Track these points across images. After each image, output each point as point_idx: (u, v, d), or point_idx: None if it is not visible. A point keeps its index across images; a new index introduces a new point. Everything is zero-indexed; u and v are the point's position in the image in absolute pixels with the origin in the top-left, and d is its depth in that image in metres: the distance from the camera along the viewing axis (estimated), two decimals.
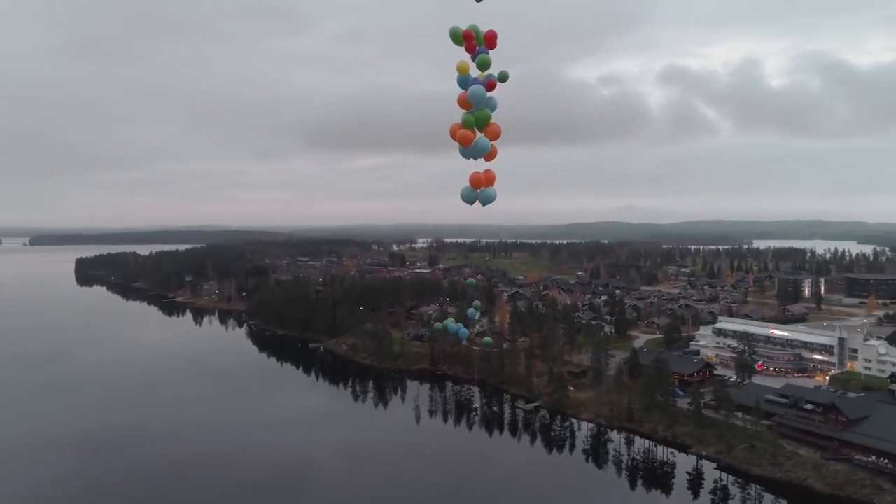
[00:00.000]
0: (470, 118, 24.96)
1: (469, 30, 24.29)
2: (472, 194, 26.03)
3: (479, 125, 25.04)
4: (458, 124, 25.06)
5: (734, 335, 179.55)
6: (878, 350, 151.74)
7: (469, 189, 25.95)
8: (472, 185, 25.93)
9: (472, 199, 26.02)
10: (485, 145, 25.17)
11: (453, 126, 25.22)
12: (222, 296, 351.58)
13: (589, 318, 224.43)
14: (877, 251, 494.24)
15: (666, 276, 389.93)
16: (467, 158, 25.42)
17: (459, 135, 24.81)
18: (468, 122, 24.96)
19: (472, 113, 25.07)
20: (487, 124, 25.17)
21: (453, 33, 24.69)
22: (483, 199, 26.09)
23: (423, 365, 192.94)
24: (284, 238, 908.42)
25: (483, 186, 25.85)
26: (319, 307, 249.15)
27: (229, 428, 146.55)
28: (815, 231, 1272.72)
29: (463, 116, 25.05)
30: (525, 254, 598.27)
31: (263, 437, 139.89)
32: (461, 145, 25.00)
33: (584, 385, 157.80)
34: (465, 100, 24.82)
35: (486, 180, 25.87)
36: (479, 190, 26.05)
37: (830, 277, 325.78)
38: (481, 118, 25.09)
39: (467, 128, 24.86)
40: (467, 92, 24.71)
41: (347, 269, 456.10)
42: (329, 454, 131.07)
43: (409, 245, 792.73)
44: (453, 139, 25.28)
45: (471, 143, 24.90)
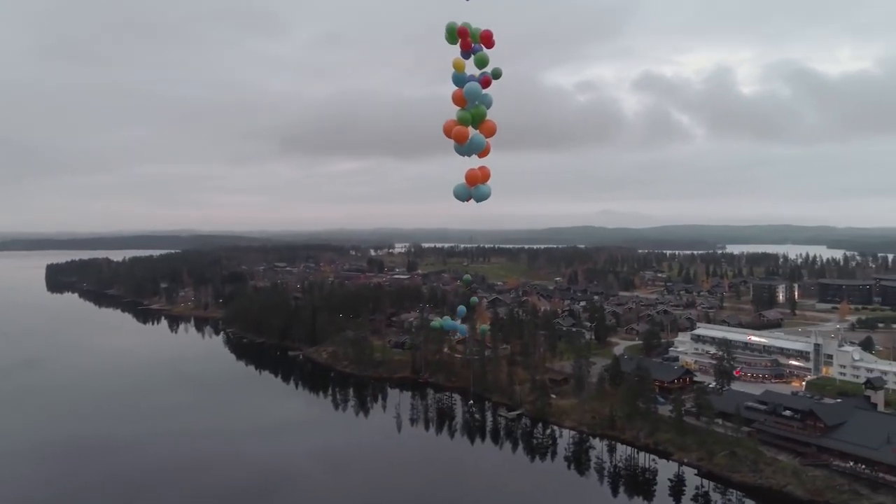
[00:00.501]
0: (466, 115, 24.78)
1: (464, 27, 24.16)
2: (466, 191, 25.91)
3: (475, 122, 24.87)
4: (453, 121, 24.85)
5: (712, 341, 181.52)
6: (852, 356, 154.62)
7: (463, 186, 25.80)
8: (468, 182, 25.75)
9: (465, 197, 25.91)
10: (480, 142, 24.99)
11: (448, 123, 25.00)
12: (199, 303, 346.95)
13: (569, 325, 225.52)
14: (846, 256, 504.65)
15: (643, 281, 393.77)
16: (463, 155, 25.28)
17: (455, 132, 24.61)
18: (464, 119, 24.77)
19: (467, 110, 24.89)
20: (483, 121, 24.99)
21: (449, 29, 24.49)
22: (477, 196, 25.98)
23: (405, 373, 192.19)
24: (261, 243, 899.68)
25: (479, 183, 25.68)
26: (299, 314, 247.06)
27: (204, 437, 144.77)
28: (786, 236, 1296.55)
29: (458, 113, 24.83)
30: (503, 259, 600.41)
31: (240, 446, 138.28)
32: (456, 142, 24.84)
33: (567, 392, 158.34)
34: (460, 97, 24.65)
35: (482, 177, 25.71)
36: (473, 187, 25.81)
37: (803, 283, 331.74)
38: (477, 115, 24.93)
39: (463, 124, 24.67)
40: (464, 89, 24.53)
41: (325, 275, 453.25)
42: (307, 462, 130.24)
43: (386, 250, 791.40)
44: (448, 136, 25.06)
45: (466, 139, 24.69)
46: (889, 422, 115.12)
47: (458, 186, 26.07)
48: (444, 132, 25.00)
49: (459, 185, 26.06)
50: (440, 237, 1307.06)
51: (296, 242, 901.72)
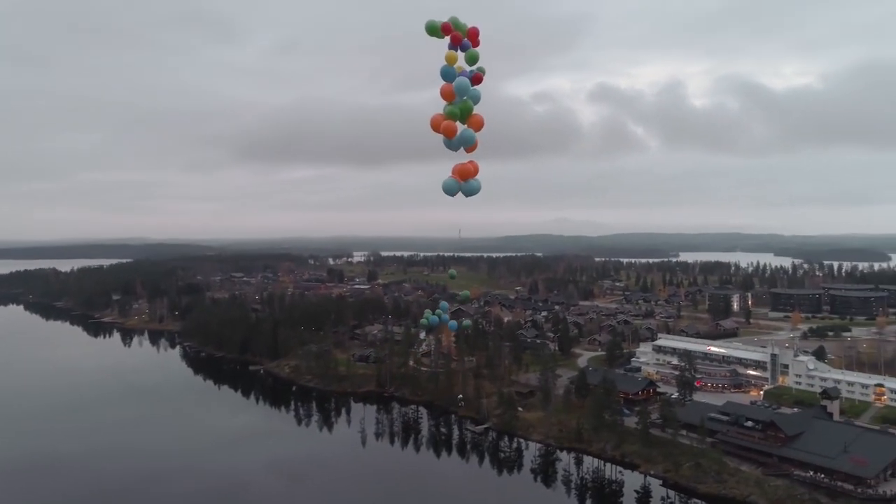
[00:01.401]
0: (454, 109, 24.93)
1: (448, 22, 24.35)
2: (455, 186, 25.92)
3: (462, 117, 25.04)
4: (441, 115, 25.02)
5: (673, 352, 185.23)
6: (807, 365, 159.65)
7: (452, 180, 25.81)
8: (459, 176, 25.80)
9: (454, 191, 25.92)
10: (470, 136, 25.19)
11: (435, 117, 25.17)
12: (154, 315, 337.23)
13: (532, 336, 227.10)
14: (794, 264, 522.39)
15: (602, 290, 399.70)
16: (451, 150, 25.43)
17: (444, 126, 24.72)
18: (452, 114, 24.93)
19: (455, 104, 25.03)
20: (470, 115, 25.18)
21: (430, 27, 24.57)
22: (467, 191, 26.06)
23: (370, 387, 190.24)
24: (216, 252, 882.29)
25: (470, 178, 25.75)
26: (259, 328, 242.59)
27: (160, 452, 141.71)
28: (736, 243, 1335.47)
29: (446, 108, 25.00)
30: (463, 268, 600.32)
31: (197, 461, 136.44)
32: (445, 137, 24.94)
33: (533, 405, 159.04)
34: (448, 91, 24.85)
35: (474, 171, 25.81)
36: (463, 182, 25.82)
37: (756, 291, 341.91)
38: (464, 110, 25.12)
39: (453, 118, 24.83)
40: (453, 83, 24.76)
41: (284, 286, 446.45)
42: (267, 476, 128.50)
43: (345, 259, 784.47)
44: (436, 131, 25.18)
45: (455, 134, 24.84)
46: (845, 431, 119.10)
47: (447, 181, 26.02)
48: (432, 127, 25.13)
49: (449, 179, 26.04)
50: (399, 245, 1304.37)
51: (252, 251, 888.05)
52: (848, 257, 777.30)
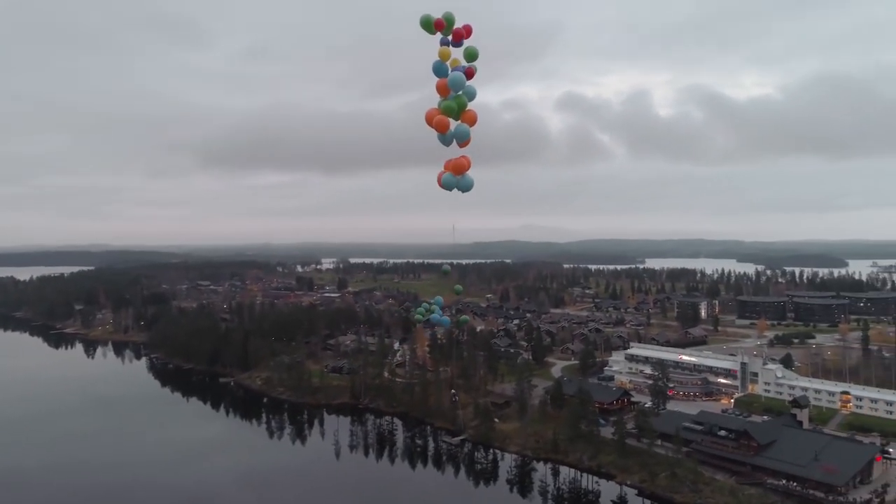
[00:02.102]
0: (451, 104, 25.12)
1: (442, 18, 24.57)
2: (454, 181, 26.25)
3: (458, 112, 25.29)
4: (436, 110, 25.20)
5: (646, 361, 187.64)
6: (775, 374, 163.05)
7: (451, 176, 26.16)
8: (455, 171, 26.09)
9: (452, 186, 26.29)
10: (465, 131, 25.46)
11: (430, 112, 25.34)
12: (118, 326, 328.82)
13: (506, 345, 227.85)
14: (758, 271, 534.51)
15: (572, 298, 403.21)
16: (444, 145, 25.70)
17: (436, 121, 24.96)
18: (449, 108, 25.11)
19: (450, 99, 25.26)
20: (464, 111, 25.46)
21: (425, 21, 24.76)
22: (463, 186, 26.39)
23: (344, 398, 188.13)
24: (181, 258, 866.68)
25: (465, 172, 26.12)
26: (229, 339, 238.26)
27: (126, 466, 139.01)
28: (699, 249, 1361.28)
29: (442, 103, 25.16)
30: (434, 275, 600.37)
31: (164, 474, 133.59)
32: (438, 132, 25.24)
33: (509, 416, 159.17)
34: (443, 86, 25.07)
35: (468, 165, 26.22)
36: (459, 177, 26.22)
37: (722, 298, 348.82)
38: (460, 104, 25.33)
39: (448, 113, 25.05)
40: (448, 78, 24.98)
41: (253, 294, 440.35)
42: (237, 489, 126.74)
43: (314, 266, 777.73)
44: (430, 126, 25.41)
45: (447, 129, 25.08)
46: (815, 439, 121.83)
47: (446, 175, 26.37)
48: (427, 121, 25.35)
49: (447, 174, 26.35)
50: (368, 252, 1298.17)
51: (218, 258, 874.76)
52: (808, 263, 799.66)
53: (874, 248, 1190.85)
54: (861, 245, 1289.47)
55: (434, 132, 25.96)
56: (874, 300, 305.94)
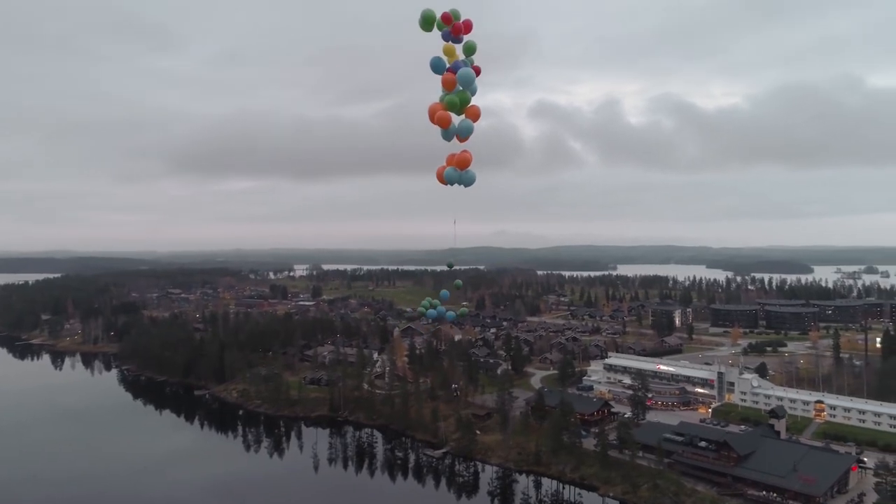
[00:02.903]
0: (454, 98, 25.41)
1: (448, 13, 25.03)
2: (457, 175, 26.49)
3: (461, 107, 25.70)
4: (438, 105, 25.51)
5: (624, 371, 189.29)
6: (751, 383, 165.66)
7: (454, 170, 26.44)
8: (459, 165, 26.38)
9: (455, 181, 26.59)
10: (468, 126, 25.81)
11: (433, 106, 25.65)
12: (87, 336, 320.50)
13: (484, 355, 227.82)
14: (728, 278, 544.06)
15: (547, 305, 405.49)
16: (445, 140, 26.10)
17: (438, 116, 25.28)
18: (451, 103, 25.39)
19: (455, 93, 25.60)
20: (468, 106, 25.90)
21: (427, 17, 25.04)
22: (466, 181, 26.73)
23: (323, 411, 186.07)
24: (149, 265, 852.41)
25: (469, 166, 26.50)
26: (204, 350, 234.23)
27: (96, 480, 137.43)
28: (669, 255, 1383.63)
29: (446, 98, 25.42)
30: (409, 282, 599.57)
31: (134, 487, 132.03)
32: (440, 127, 25.62)
33: (491, 428, 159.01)
34: (450, 81, 25.42)
35: (469, 160, 26.63)
36: (464, 171, 26.60)
37: (695, 306, 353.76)
38: (463, 100, 25.66)
39: (451, 108, 25.36)
40: (457, 74, 25.31)
41: (226, 303, 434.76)
42: (209, 501, 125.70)
43: (287, 273, 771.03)
44: (431, 121, 25.66)
45: (449, 125, 25.44)
46: (793, 450, 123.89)
47: (448, 170, 26.56)
48: (430, 116, 25.61)
49: (449, 168, 26.53)
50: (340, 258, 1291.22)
51: (188, 264, 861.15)
52: (774, 269, 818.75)
53: (837, 253, 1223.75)
54: (825, 251, 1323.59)
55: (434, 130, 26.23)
56: (841, 308, 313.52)
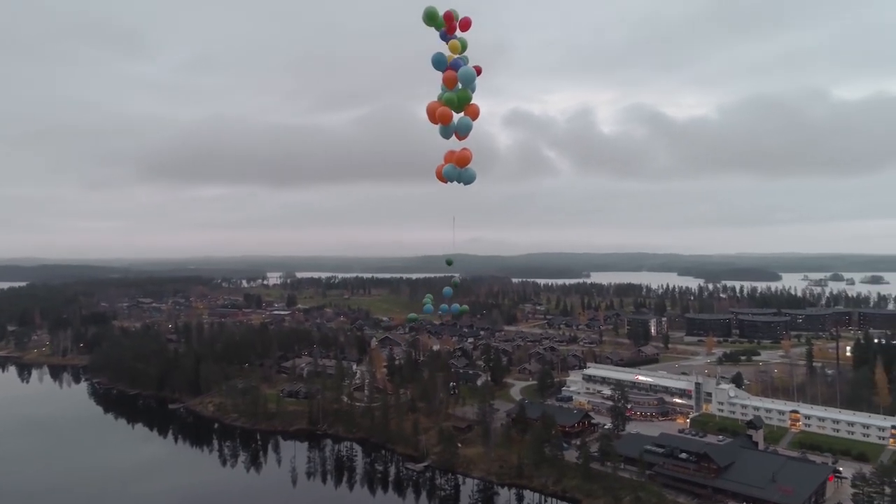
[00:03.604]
0: (452, 96, 25.63)
1: (450, 11, 25.58)
2: (456, 173, 26.59)
3: (460, 105, 25.91)
4: (437, 103, 25.73)
5: (603, 381, 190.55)
6: (728, 393, 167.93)
7: (453, 168, 26.53)
8: (459, 163, 26.46)
9: (454, 178, 26.67)
10: (467, 124, 26.00)
11: (431, 104, 25.87)
12: (56, 348, 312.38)
13: (463, 366, 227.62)
14: (701, 286, 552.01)
15: (524, 314, 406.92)
16: (444, 137, 26.22)
17: (439, 112, 25.42)
18: (450, 100, 25.60)
19: (454, 91, 25.82)
20: (467, 105, 26.16)
21: (430, 14, 25.31)
22: (467, 179, 26.80)
23: (302, 424, 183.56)
24: (119, 273, 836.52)
25: (467, 164, 26.58)
26: (179, 362, 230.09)
27: (56, 493, 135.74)
28: (641, 262, 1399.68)
29: (445, 95, 25.65)
30: (384, 290, 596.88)
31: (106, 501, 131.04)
32: (441, 124, 25.71)
33: (472, 440, 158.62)
34: (451, 78, 25.71)
35: (469, 157, 26.72)
36: (463, 169, 26.69)
37: (670, 314, 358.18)
38: (463, 98, 25.92)
39: (450, 106, 25.58)
40: (459, 72, 25.63)
41: (198, 312, 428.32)
42: None
43: (260, 281, 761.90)
44: (431, 118, 25.78)
45: (450, 121, 25.59)
46: (771, 461, 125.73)
47: (448, 167, 26.66)
48: (429, 113, 25.74)
49: (448, 166, 26.60)
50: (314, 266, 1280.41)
51: (158, 272, 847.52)
52: (744, 277, 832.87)
53: (804, 261, 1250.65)
54: (792, 258, 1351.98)
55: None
56: (811, 317, 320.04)
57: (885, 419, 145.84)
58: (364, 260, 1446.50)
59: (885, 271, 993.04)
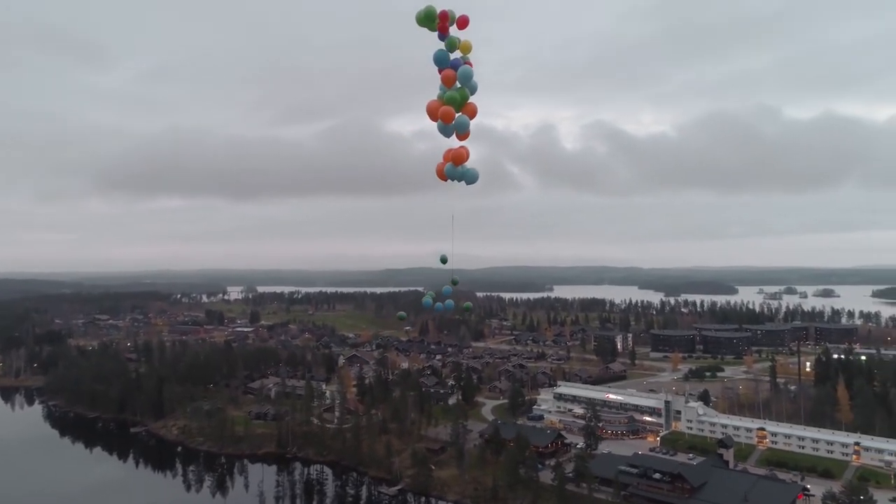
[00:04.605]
0: (454, 95, 25.84)
1: (445, 11, 25.71)
2: (458, 172, 26.66)
3: (460, 104, 26.10)
4: (438, 102, 25.96)
5: (574, 400, 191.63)
6: (697, 411, 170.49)
7: (454, 166, 26.59)
8: (455, 161, 26.53)
9: (456, 177, 26.73)
10: (465, 122, 26.19)
11: (432, 103, 26.04)
12: (8, 369, 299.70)
13: (433, 384, 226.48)
14: (663, 301, 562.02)
15: (491, 330, 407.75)
16: (445, 136, 26.34)
17: (442, 111, 25.58)
18: (452, 99, 25.80)
19: (454, 90, 26.04)
20: (466, 104, 26.36)
21: (429, 13, 25.44)
22: (469, 178, 26.94)
23: (270, 448, 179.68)
24: (72, 288, 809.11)
25: (464, 162, 26.69)
26: (141, 383, 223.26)
27: None
28: (603, 276, 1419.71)
29: (445, 94, 25.88)
30: (349, 306, 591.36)
31: None
32: (443, 122, 25.85)
33: (446, 462, 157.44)
34: (451, 77, 26.05)
35: (466, 155, 26.82)
36: (462, 168, 26.83)
37: (635, 330, 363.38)
38: (463, 97, 26.11)
39: (451, 104, 25.82)
40: (458, 70, 25.95)
41: (158, 329, 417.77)
42: None
43: (221, 296, 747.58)
44: (433, 117, 25.96)
45: (452, 119, 25.83)
46: (743, 480, 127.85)
47: (449, 166, 26.69)
48: (429, 112, 25.95)
49: (449, 164, 26.63)
50: (275, 279, 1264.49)
51: (115, 286, 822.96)
52: (702, 290, 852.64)
53: (758, 274, 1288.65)
54: (747, 271, 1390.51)
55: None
56: (771, 332, 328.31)
57: (849, 436, 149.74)
58: (327, 273, 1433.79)
59: (836, 284, 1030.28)
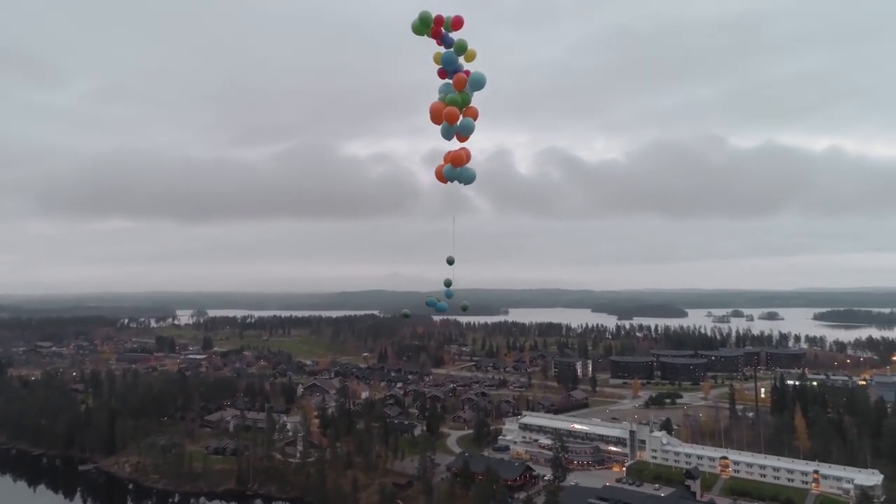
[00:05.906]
0: (457, 97, 26.33)
1: (440, 16, 26.16)
2: (456, 173, 26.88)
3: (462, 107, 26.53)
4: (441, 104, 26.35)
5: (540, 430, 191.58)
6: (661, 440, 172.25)
7: (452, 168, 26.87)
8: (454, 163, 26.80)
9: (454, 178, 26.95)
10: (469, 124, 26.60)
11: (436, 105, 26.37)
12: None
13: (396, 414, 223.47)
14: (619, 326, 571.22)
15: (451, 356, 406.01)
16: (446, 138, 26.69)
17: (446, 112, 25.96)
18: (454, 101, 26.29)
19: (458, 93, 26.41)
20: (468, 107, 26.88)
21: (424, 18, 25.86)
22: (466, 179, 27.11)
23: (230, 484, 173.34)
24: (10, 312, 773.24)
25: (464, 164, 26.97)
26: (90, 417, 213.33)
27: None
28: (556, 299, 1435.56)
29: (449, 96, 26.37)
30: (304, 330, 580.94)
31: None
32: (447, 123, 26.19)
33: (413, 497, 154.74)
34: (461, 80, 26.58)
35: (466, 157, 27.12)
36: (459, 168, 27.09)
37: (593, 355, 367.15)
38: (465, 100, 26.65)
39: (455, 106, 26.27)
40: (470, 75, 26.56)
41: (105, 357, 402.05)
42: None
43: (171, 321, 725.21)
44: (436, 119, 26.28)
45: (456, 120, 26.16)
46: None
47: (447, 167, 26.99)
48: (433, 113, 26.28)
49: (447, 166, 26.94)
50: (225, 302, 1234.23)
51: (56, 310, 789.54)
52: (653, 312, 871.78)
53: (706, 296, 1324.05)
54: (695, 294, 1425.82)
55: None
56: (726, 358, 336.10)
57: (808, 464, 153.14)
58: (279, 296, 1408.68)
59: (780, 307, 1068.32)
